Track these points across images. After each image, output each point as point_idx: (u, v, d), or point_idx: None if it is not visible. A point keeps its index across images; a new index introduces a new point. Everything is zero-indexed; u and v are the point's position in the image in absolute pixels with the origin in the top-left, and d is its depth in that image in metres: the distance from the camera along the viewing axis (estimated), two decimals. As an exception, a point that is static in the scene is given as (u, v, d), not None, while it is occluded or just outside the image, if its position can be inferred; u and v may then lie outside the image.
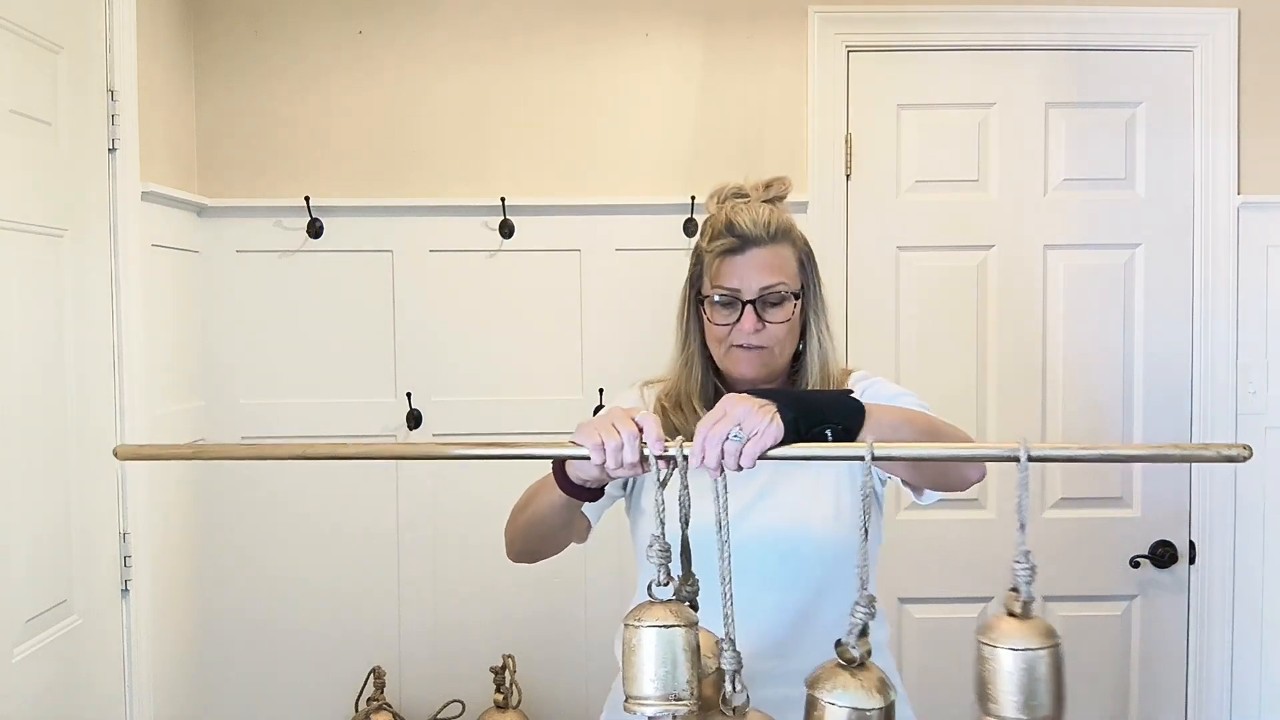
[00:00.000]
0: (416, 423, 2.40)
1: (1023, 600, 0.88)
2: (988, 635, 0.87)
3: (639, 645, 0.91)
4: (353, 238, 2.41)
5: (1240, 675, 2.47)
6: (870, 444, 0.94)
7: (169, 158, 2.27)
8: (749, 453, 1.02)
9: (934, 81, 2.45)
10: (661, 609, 0.92)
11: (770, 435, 1.03)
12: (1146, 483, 2.47)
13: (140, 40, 2.03)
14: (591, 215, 2.40)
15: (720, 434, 1.02)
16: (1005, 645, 0.86)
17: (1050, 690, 0.86)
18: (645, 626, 0.91)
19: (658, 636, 0.90)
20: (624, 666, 0.93)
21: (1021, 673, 0.85)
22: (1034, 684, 0.85)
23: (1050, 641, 0.87)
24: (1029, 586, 0.89)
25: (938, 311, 2.46)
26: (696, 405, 1.42)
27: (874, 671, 0.89)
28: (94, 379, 1.89)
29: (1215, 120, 2.42)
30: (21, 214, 1.67)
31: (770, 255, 1.39)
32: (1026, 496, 0.88)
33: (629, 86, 2.44)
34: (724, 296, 1.38)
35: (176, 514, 2.26)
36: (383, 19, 2.42)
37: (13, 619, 1.64)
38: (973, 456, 1.08)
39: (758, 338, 1.37)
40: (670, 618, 0.91)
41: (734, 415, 1.03)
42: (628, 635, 0.92)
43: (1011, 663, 0.85)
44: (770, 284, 1.37)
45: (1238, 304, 2.43)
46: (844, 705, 0.87)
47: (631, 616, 0.93)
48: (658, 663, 0.90)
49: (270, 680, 2.43)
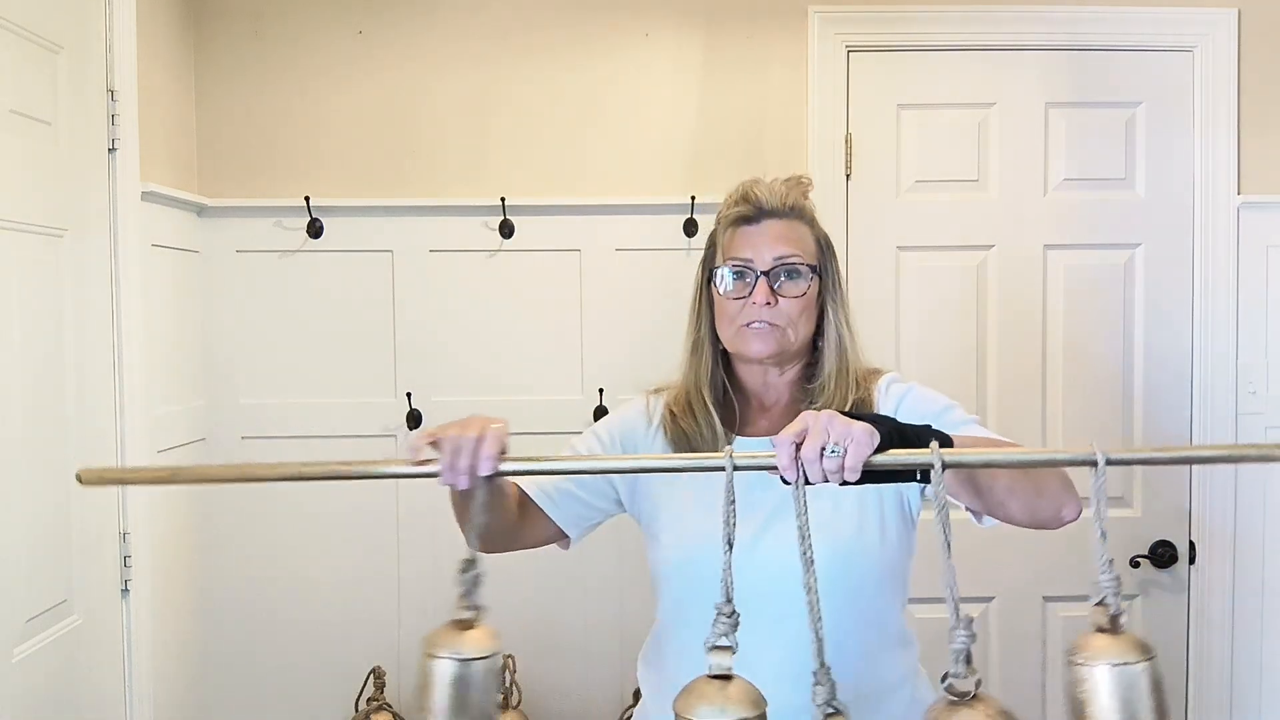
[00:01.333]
0: (416, 423, 2.40)
1: (1112, 614, 0.82)
2: (1080, 655, 0.82)
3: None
4: (353, 238, 2.41)
5: (1240, 675, 2.47)
6: (937, 449, 0.86)
7: (169, 158, 2.27)
8: (850, 465, 0.92)
9: (934, 81, 2.45)
10: (728, 695, 0.81)
11: (867, 442, 0.93)
12: (1146, 483, 2.47)
13: (140, 40, 2.03)
14: (591, 215, 2.40)
15: (815, 449, 0.92)
16: (1103, 662, 0.80)
17: (1153, 708, 0.80)
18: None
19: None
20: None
21: (1123, 690, 0.80)
22: (1135, 703, 0.80)
23: (1147, 655, 0.81)
24: (1116, 599, 0.83)
25: (938, 311, 2.46)
26: (707, 399, 1.35)
27: (992, 703, 0.83)
28: (94, 379, 1.89)
29: (1215, 120, 2.42)
30: (21, 214, 1.67)
31: (786, 228, 1.33)
32: (1105, 503, 0.83)
33: (629, 86, 2.44)
34: (737, 266, 1.31)
35: (176, 514, 2.26)
36: (383, 19, 2.42)
37: (13, 619, 1.64)
38: (1048, 461, 1.04)
39: (770, 313, 1.29)
40: (743, 709, 0.80)
41: (819, 426, 0.94)
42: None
43: (1111, 681, 0.80)
44: (785, 254, 1.31)
45: (1238, 304, 2.43)
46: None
47: (694, 702, 0.81)
48: None
49: (270, 680, 2.43)
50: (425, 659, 0.90)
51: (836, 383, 1.33)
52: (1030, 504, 1.15)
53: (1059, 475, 1.16)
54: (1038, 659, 2.50)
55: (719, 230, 1.38)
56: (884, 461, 0.92)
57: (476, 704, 0.88)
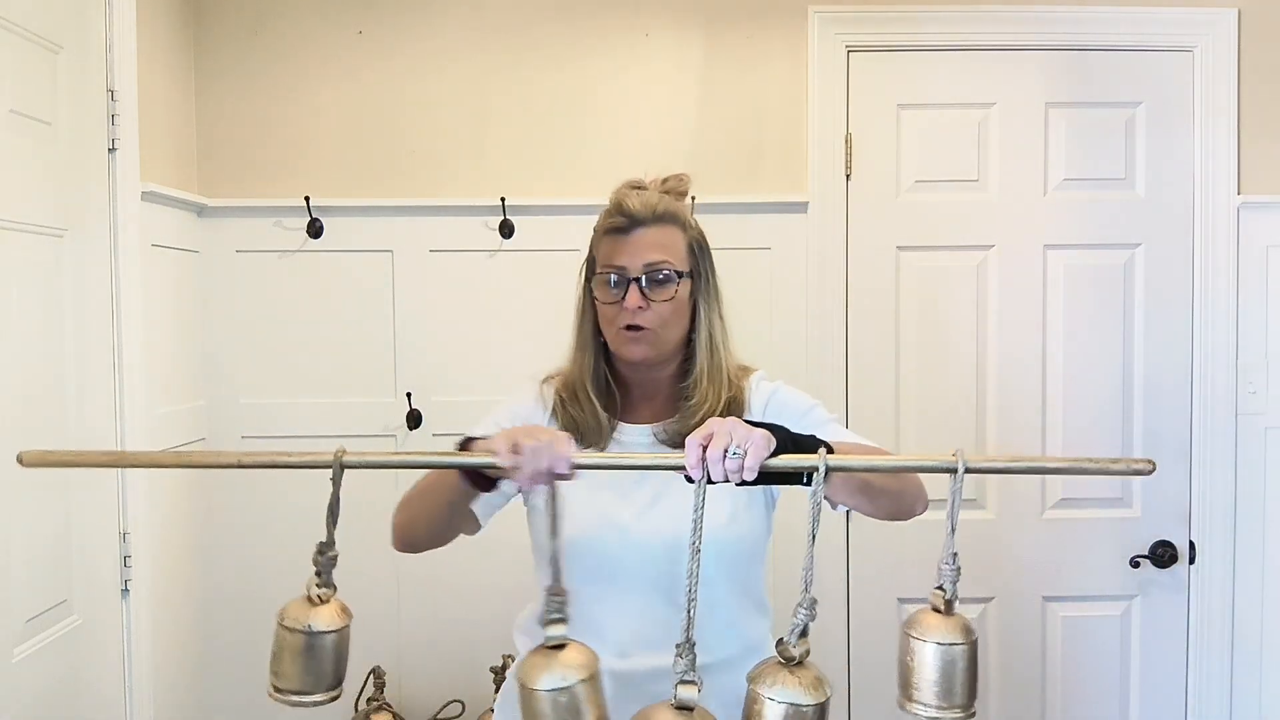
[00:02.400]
0: (416, 423, 2.40)
1: (946, 598, 0.95)
2: (915, 629, 0.95)
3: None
4: (353, 238, 2.41)
5: (1240, 675, 2.47)
6: (823, 454, 1.01)
7: (169, 158, 2.27)
8: (749, 465, 1.05)
9: (934, 81, 2.45)
10: (566, 661, 0.99)
11: (765, 446, 1.07)
12: (1147, 483, 2.47)
13: (140, 40, 2.03)
14: (592, 215, 2.35)
15: (719, 451, 1.05)
16: (931, 639, 0.93)
17: (965, 683, 0.94)
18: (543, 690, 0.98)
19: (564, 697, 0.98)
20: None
21: (943, 664, 0.93)
22: (953, 676, 0.93)
23: (969, 638, 0.94)
24: (954, 586, 0.96)
25: (938, 311, 2.46)
26: (590, 391, 1.45)
27: (811, 670, 0.95)
28: (94, 379, 1.89)
29: (1215, 120, 2.42)
30: (21, 214, 1.67)
31: (656, 234, 1.42)
32: (959, 503, 0.96)
33: (629, 86, 2.44)
34: (610, 274, 1.41)
35: (176, 514, 2.26)
36: (383, 19, 2.42)
37: (13, 619, 1.64)
38: (915, 468, 1.12)
39: (642, 316, 1.39)
40: (577, 672, 0.99)
41: (724, 431, 1.07)
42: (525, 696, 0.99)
43: (934, 655, 0.93)
44: (654, 261, 1.40)
45: (1238, 304, 2.43)
46: (781, 701, 0.92)
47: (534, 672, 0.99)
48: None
49: (270, 680, 2.43)
50: (279, 629, 1.03)
51: (709, 377, 1.44)
52: (896, 502, 1.30)
53: (917, 482, 1.32)
54: (1037, 659, 2.50)
55: (595, 240, 1.48)
56: (777, 465, 1.05)
57: (326, 671, 1.02)
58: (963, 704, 0.93)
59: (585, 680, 0.97)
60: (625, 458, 1.30)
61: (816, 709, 0.92)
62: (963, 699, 0.93)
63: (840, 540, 2.46)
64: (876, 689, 2.47)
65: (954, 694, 0.93)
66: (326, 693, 1.01)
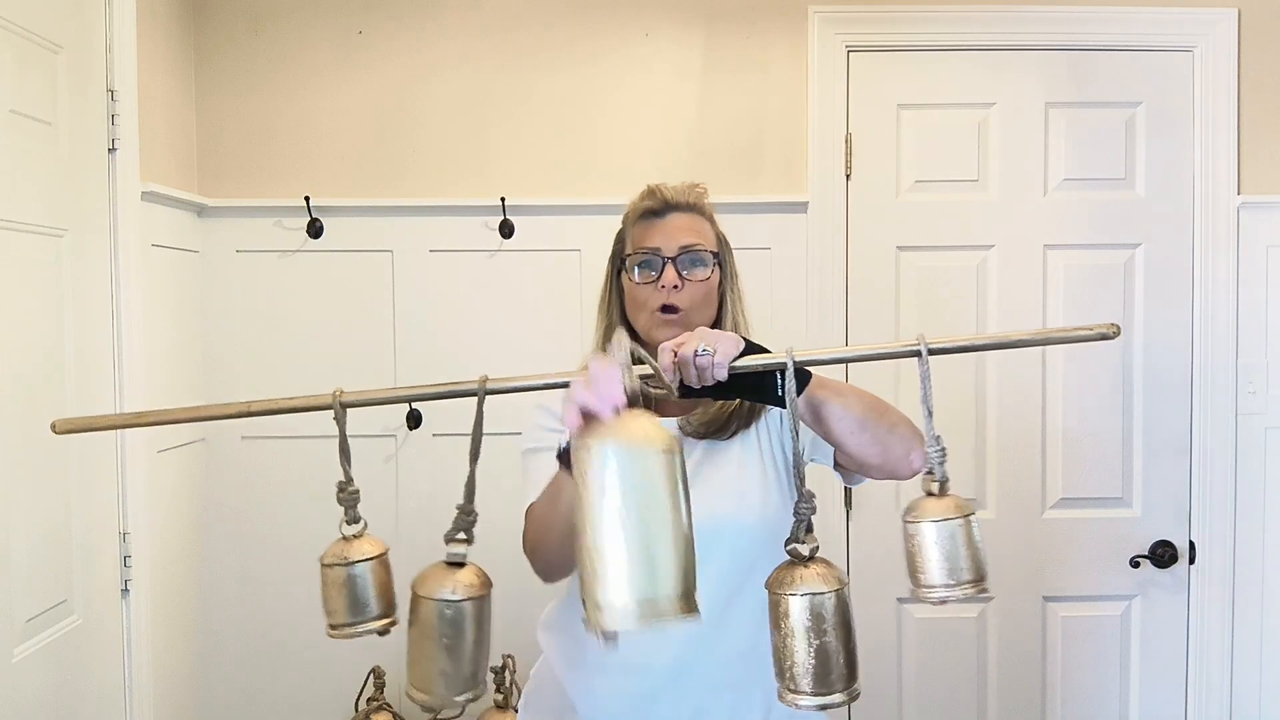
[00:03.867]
0: (416, 423, 2.40)
1: (937, 480, 0.97)
2: (911, 514, 0.96)
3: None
4: (353, 238, 2.41)
5: (1240, 675, 2.47)
6: (791, 350, 1.02)
7: (169, 158, 2.27)
8: (719, 361, 1.09)
9: (934, 81, 2.45)
10: (460, 579, 1.01)
11: (733, 344, 1.11)
12: (1147, 483, 2.47)
13: (140, 40, 2.03)
14: (591, 215, 2.40)
15: (690, 350, 1.09)
16: (928, 519, 0.95)
17: (970, 557, 0.94)
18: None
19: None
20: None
21: (946, 543, 0.94)
22: (956, 552, 0.94)
23: (965, 513, 0.95)
24: (942, 467, 0.97)
25: (938, 311, 2.46)
26: None
27: (823, 563, 0.97)
28: (94, 379, 1.89)
29: (1215, 120, 2.42)
30: (21, 214, 1.67)
31: (690, 220, 1.45)
32: (929, 387, 0.98)
33: (629, 86, 2.44)
34: (645, 255, 1.42)
35: (176, 514, 2.26)
36: (383, 19, 2.42)
37: (13, 619, 1.64)
38: (880, 355, 1.11)
39: (677, 297, 1.40)
40: (466, 590, 1.01)
41: (695, 334, 1.12)
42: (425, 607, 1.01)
43: (935, 535, 0.94)
44: (690, 243, 1.42)
45: (1238, 304, 2.43)
46: (801, 594, 0.93)
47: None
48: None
49: (270, 680, 2.43)
50: (322, 570, 1.06)
51: None
52: (883, 440, 1.25)
53: (909, 423, 1.29)
54: (1038, 659, 2.50)
55: (627, 225, 1.49)
56: (746, 365, 1.08)
57: (371, 599, 1.06)
58: (971, 579, 0.94)
59: (473, 600, 0.98)
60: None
61: (835, 595, 0.94)
62: (971, 574, 0.94)
63: (841, 541, 2.46)
64: (878, 689, 2.47)
65: (960, 570, 0.94)
66: (380, 619, 1.05)
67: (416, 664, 0.99)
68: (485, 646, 0.99)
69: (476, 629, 0.98)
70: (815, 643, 0.93)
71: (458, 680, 0.98)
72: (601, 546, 0.83)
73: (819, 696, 0.93)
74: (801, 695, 0.94)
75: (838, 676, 0.93)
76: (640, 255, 1.43)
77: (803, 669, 0.93)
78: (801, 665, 0.93)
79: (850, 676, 0.94)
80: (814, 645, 0.93)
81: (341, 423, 1.06)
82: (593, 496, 0.83)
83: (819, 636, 0.93)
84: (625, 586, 0.82)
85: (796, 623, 0.93)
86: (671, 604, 0.83)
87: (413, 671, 1.00)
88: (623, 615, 0.82)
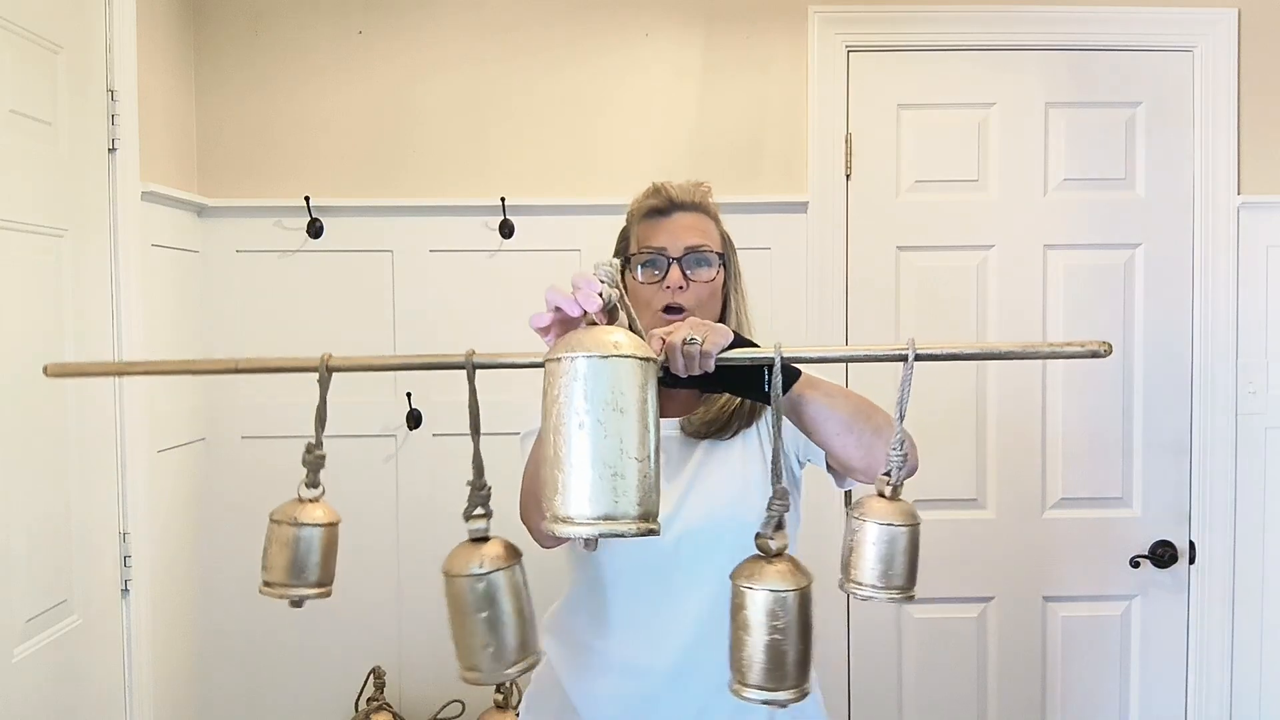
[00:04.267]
0: (416, 423, 2.40)
1: (891, 484, 0.97)
2: (858, 511, 0.96)
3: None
4: (353, 238, 2.41)
5: (1240, 675, 2.47)
6: (779, 346, 0.99)
7: (169, 158, 2.27)
8: (707, 350, 1.07)
9: (934, 81, 2.45)
10: (487, 552, 0.98)
11: (722, 336, 1.08)
12: (1147, 483, 2.47)
13: (140, 40, 2.03)
14: (591, 215, 2.40)
15: (679, 338, 1.08)
16: (873, 520, 0.95)
17: (905, 564, 0.95)
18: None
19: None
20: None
21: (884, 545, 0.94)
22: (893, 557, 0.94)
23: (911, 521, 0.95)
24: (899, 472, 0.97)
25: (938, 311, 2.46)
26: None
27: (789, 560, 0.96)
28: (94, 379, 1.89)
29: (1215, 120, 2.42)
30: (21, 214, 1.67)
31: (694, 220, 1.44)
32: (909, 391, 0.97)
33: (629, 86, 2.44)
34: (650, 255, 1.41)
35: (176, 514, 2.26)
36: (383, 19, 2.42)
37: (13, 619, 1.64)
38: (870, 356, 1.08)
39: (682, 296, 1.39)
40: (494, 561, 0.98)
41: (686, 323, 1.11)
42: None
43: (875, 535, 0.94)
44: (695, 243, 1.41)
45: (1238, 304, 2.43)
46: (760, 589, 0.92)
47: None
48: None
49: (270, 680, 2.43)
50: (270, 525, 1.03)
51: None
52: (867, 444, 1.25)
53: (894, 425, 1.24)
54: (1038, 659, 2.50)
55: (631, 224, 1.49)
56: (734, 357, 1.06)
57: (313, 564, 1.02)
58: (900, 585, 0.95)
59: (503, 569, 0.96)
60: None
61: (798, 594, 0.93)
62: (901, 580, 0.95)
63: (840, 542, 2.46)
64: (877, 690, 2.47)
65: (892, 576, 0.94)
66: (314, 587, 1.02)
67: (461, 644, 0.98)
68: (528, 615, 0.97)
69: (514, 599, 0.97)
70: (767, 639, 0.92)
71: (505, 652, 0.96)
72: (565, 458, 0.81)
73: (766, 692, 0.93)
74: (749, 689, 0.93)
75: (788, 674, 0.93)
76: (645, 255, 1.42)
77: (753, 663, 0.93)
78: (752, 659, 0.93)
79: (801, 675, 0.94)
80: (767, 641, 0.92)
81: (324, 387, 1.06)
82: (559, 407, 0.82)
83: (773, 633, 0.92)
84: (586, 502, 0.81)
85: (753, 616, 0.93)
86: (631, 521, 0.82)
87: (460, 653, 0.98)
88: (581, 529, 0.81)
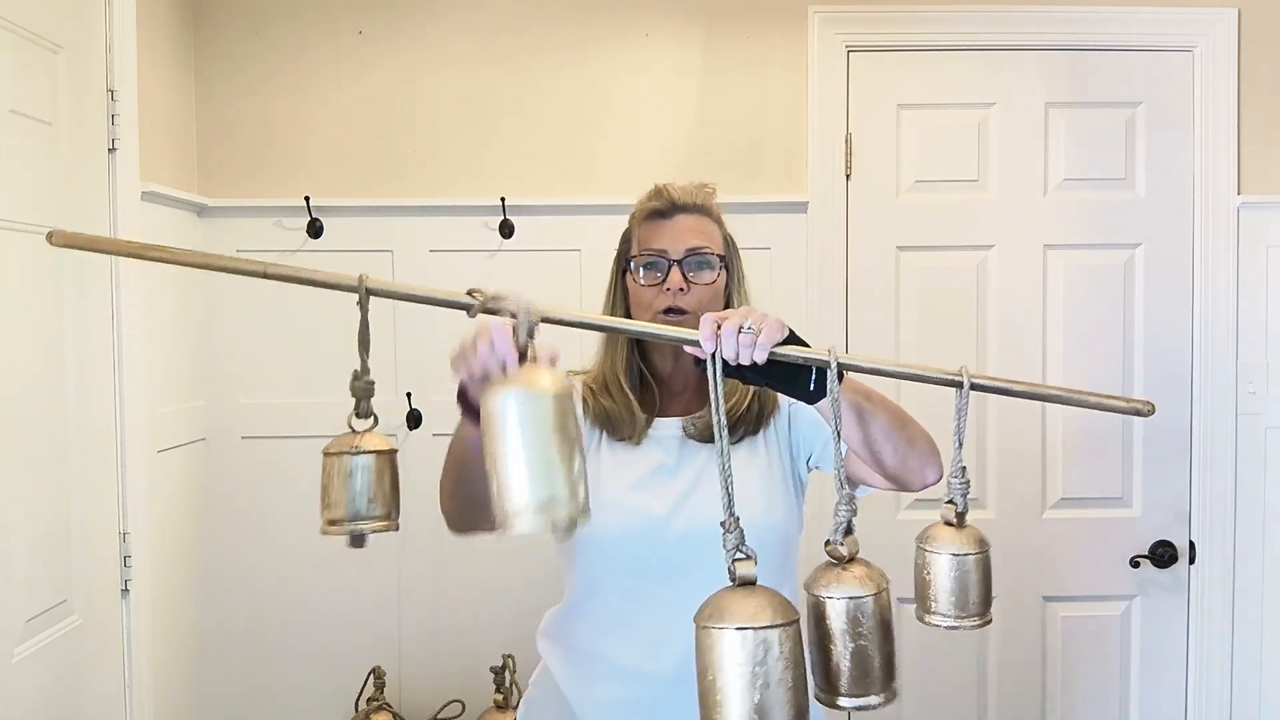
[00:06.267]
0: (416, 423, 2.40)
1: (958, 511, 0.98)
2: (929, 543, 0.98)
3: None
4: (353, 238, 2.41)
5: (1240, 675, 2.47)
6: (833, 350, 1.01)
7: (169, 158, 2.27)
8: (762, 343, 1.05)
9: (934, 81, 2.45)
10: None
11: (778, 329, 1.06)
12: (1147, 483, 2.47)
13: (140, 40, 2.03)
14: (591, 215, 2.40)
15: (734, 326, 1.05)
16: (946, 551, 0.97)
17: (981, 591, 0.97)
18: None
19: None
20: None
21: (958, 575, 0.97)
22: (967, 586, 0.97)
23: (981, 549, 0.98)
24: (964, 499, 0.98)
25: (938, 311, 2.46)
26: (624, 383, 1.44)
27: (863, 564, 0.97)
28: (94, 379, 1.89)
29: (1215, 120, 2.42)
30: (22, 214, 1.67)
31: (696, 222, 1.44)
32: (965, 416, 0.99)
33: (629, 86, 2.44)
34: (651, 257, 1.41)
35: (176, 514, 2.26)
36: (382, 19, 2.42)
37: (13, 619, 1.64)
38: (922, 377, 1.10)
39: (683, 299, 1.38)
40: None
41: (741, 310, 1.08)
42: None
43: (949, 566, 0.97)
44: (696, 246, 1.41)
45: (1238, 304, 2.43)
46: (841, 596, 0.94)
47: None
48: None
49: (270, 680, 2.43)
50: (325, 459, 1.01)
51: None
52: (902, 453, 1.26)
53: (928, 438, 1.30)
54: (1037, 659, 2.50)
55: (633, 226, 1.48)
56: (787, 354, 1.06)
57: (376, 496, 1.00)
58: (978, 612, 0.97)
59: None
60: (596, 318, 1.27)
61: (875, 599, 0.94)
62: (978, 608, 0.97)
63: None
64: (876, 689, 2.47)
65: (969, 604, 0.97)
66: (381, 520, 0.99)
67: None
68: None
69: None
70: (853, 646, 0.93)
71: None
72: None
73: (856, 698, 0.93)
74: (838, 696, 0.94)
75: (875, 679, 0.94)
76: (646, 257, 1.42)
77: (840, 672, 0.94)
78: (839, 668, 0.94)
79: (888, 678, 0.95)
80: (853, 648, 0.93)
81: (364, 308, 1.07)
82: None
83: (858, 639, 0.93)
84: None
85: (835, 625, 0.93)
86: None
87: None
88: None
